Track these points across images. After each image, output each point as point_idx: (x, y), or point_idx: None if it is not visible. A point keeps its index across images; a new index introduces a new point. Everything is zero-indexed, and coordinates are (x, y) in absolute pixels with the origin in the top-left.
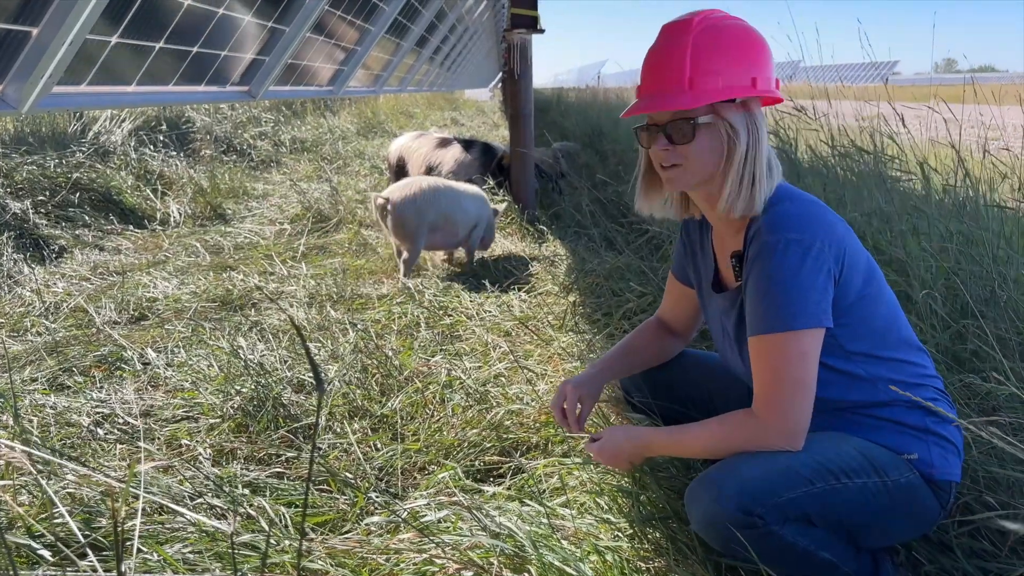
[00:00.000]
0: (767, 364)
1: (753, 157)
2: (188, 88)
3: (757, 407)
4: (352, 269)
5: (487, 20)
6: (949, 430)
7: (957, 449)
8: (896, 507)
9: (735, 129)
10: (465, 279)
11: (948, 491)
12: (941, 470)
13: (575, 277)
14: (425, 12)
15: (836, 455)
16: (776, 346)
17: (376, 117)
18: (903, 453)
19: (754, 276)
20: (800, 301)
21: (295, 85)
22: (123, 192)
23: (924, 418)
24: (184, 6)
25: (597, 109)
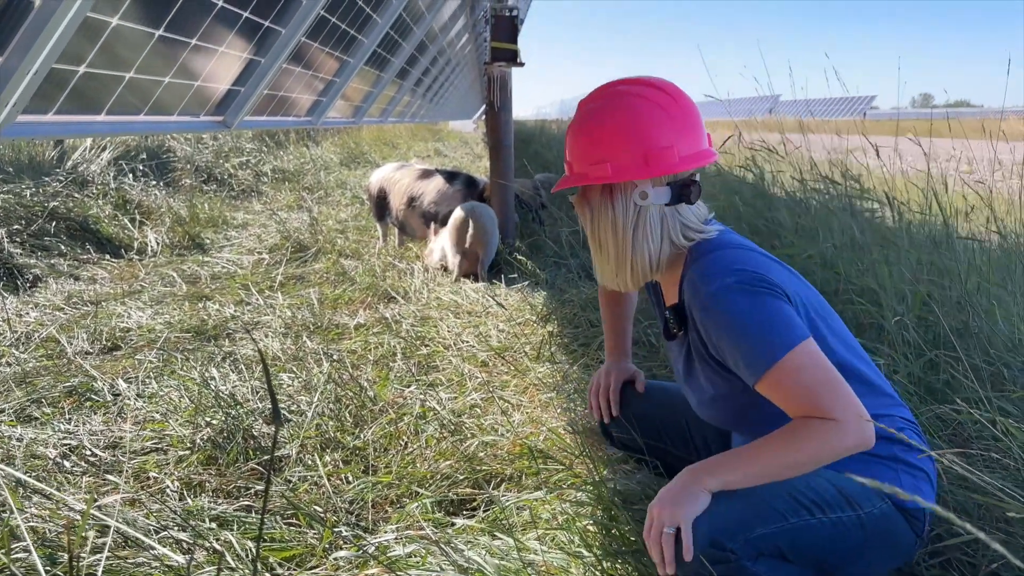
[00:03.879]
0: (789, 392)
1: (602, 237)
2: (160, 118)
3: (824, 413)
4: (329, 299)
5: (469, 53)
6: (919, 459)
7: (928, 477)
8: (871, 540)
9: (593, 210)
10: (443, 311)
11: (922, 520)
12: (913, 502)
13: (553, 307)
14: (405, 44)
15: (808, 488)
16: (784, 374)
17: (359, 147)
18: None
19: (717, 335)
20: (775, 327)
21: (272, 115)
22: (100, 221)
23: (891, 447)
24: (156, 36)
25: None
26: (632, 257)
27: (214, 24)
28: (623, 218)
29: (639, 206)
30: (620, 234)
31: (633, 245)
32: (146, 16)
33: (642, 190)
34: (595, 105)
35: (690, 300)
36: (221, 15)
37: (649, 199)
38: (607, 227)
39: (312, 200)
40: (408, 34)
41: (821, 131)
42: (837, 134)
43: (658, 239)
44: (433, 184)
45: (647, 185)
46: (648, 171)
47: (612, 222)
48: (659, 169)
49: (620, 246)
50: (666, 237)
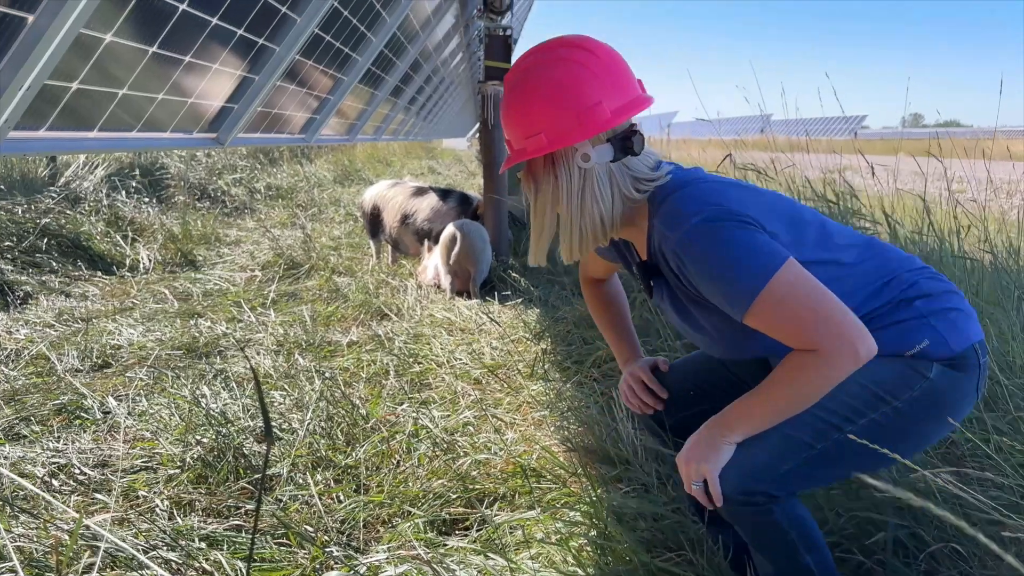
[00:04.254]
0: (775, 325)
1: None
2: (153, 134)
3: (814, 343)
4: (322, 316)
5: (464, 71)
6: (944, 299)
7: (963, 311)
8: (919, 418)
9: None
10: (436, 328)
11: (973, 357)
12: (957, 340)
13: (546, 324)
14: (400, 63)
15: (835, 403)
16: (768, 301)
17: (353, 165)
18: (913, 347)
19: (697, 275)
20: (748, 260)
21: (266, 132)
22: (92, 238)
23: (914, 305)
24: (149, 53)
25: None
26: (582, 221)
27: (208, 41)
28: (568, 185)
29: (583, 169)
30: (568, 200)
31: (582, 209)
32: (140, 33)
33: (583, 152)
34: (517, 79)
35: (662, 252)
36: (215, 32)
37: (592, 160)
38: (555, 196)
39: (305, 217)
40: (402, 52)
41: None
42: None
43: (608, 198)
44: (427, 201)
45: (587, 147)
46: (583, 132)
47: (559, 191)
48: (593, 127)
49: (570, 212)
50: (617, 194)
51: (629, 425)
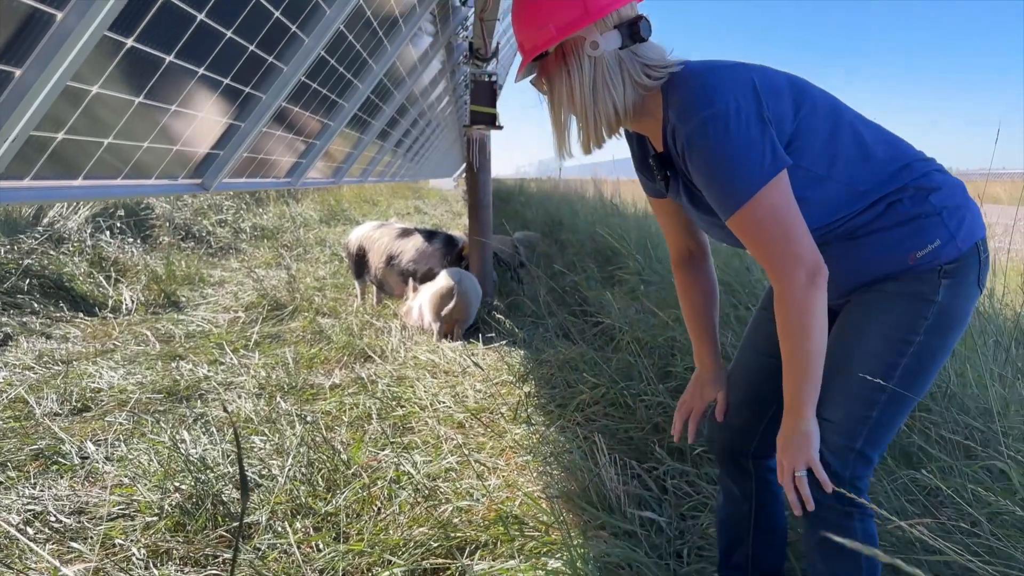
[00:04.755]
0: (751, 236)
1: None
2: (138, 181)
3: (772, 278)
4: (305, 358)
5: (450, 114)
6: (955, 195)
7: (971, 209)
8: (943, 339)
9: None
10: (419, 371)
11: (975, 254)
12: (964, 239)
13: (530, 367)
14: (386, 108)
15: (870, 366)
16: (748, 216)
17: (339, 205)
18: (925, 246)
19: (696, 171)
20: (745, 165)
21: (251, 177)
22: (75, 279)
23: (929, 199)
24: (136, 103)
25: (557, 200)
26: (596, 109)
27: (195, 90)
28: (579, 75)
29: (593, 57)
30: (581, 90)
31: (595, 98)
32: (127, 84)
33: (591, 40)
34: None
35: (675, 142)
36: (202, 82)
37: (601, 47)
38: (568, 88)
39: (291, 257)
40: (389, 97)
41: None
42: None
43: (620, 84)
44: (412, 243)
45: (595, 34)
46: (589, 17)
47: (571, 82)
48: (598, 10)
49: (583, 102)
50: (628, 80)
51: (612, 471)
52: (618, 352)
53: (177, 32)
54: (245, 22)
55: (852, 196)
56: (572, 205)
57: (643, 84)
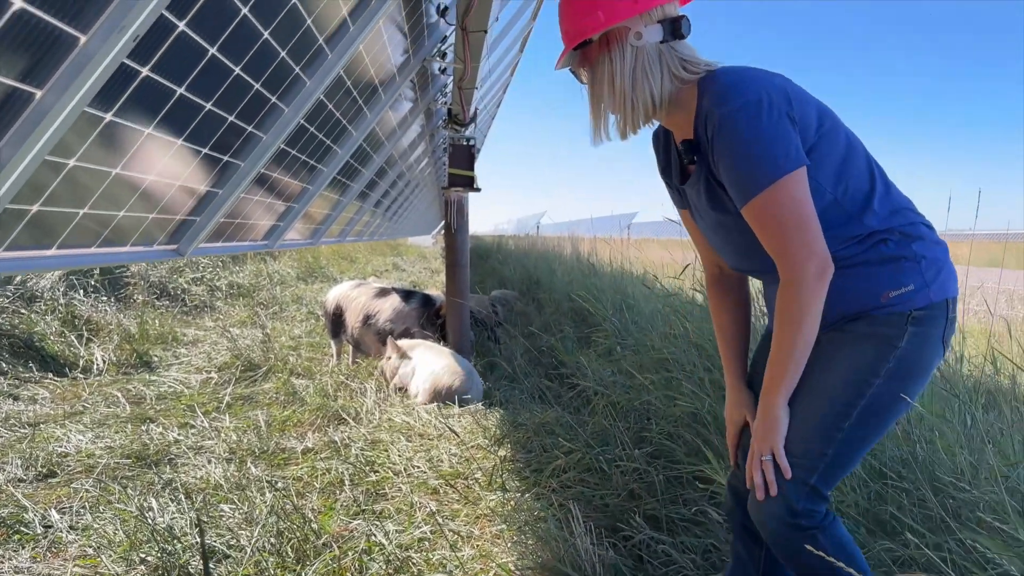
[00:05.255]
0: (767, 223)
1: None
2: (112, 249)
3: (781, 268)
4: (278, 421)
5: (429, 174)
6: (937, 250)
7: (949, 268)
8: (900, 385)
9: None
10: (394, 433)
11: (943, 309)
12: (936, 292)
13: (506, 430)
14: (365, 171)
15: (829, 405)
16: (767, 203)
17: (317, 262)
18: (900, 287)
19: (721, 154)
20: (771, 153)
21: (228, 241)
22: (46, 338)
23: (912, 246)
24: (113, 174)
25: (535, 258)
26: (634, 96)
27: (172, 160)
28: (621, 62)
29: (635, 47)
30: (621, 77)
31: (634, 85)
32: (104, 156)
33: (635, 31)
34: None
35: (705, 126)
36: (180, 152)
37: (644, 38)
38: (609, 74)
39: (266, 316)
40: (368, 161)
41: None
42: None
43: (658, 75)
44: (389, 302)
45: (639, 25)
46: (637, 7)
47: (613, 68)
48: (647, 2)
49: (623, 88)
50: (666, 72)
51: (587, 541)
52: (594, 416)
53: (156, 106)
54: (225, 95)
55: (848, 223)
56: (550, 263)
57: (680, 77)
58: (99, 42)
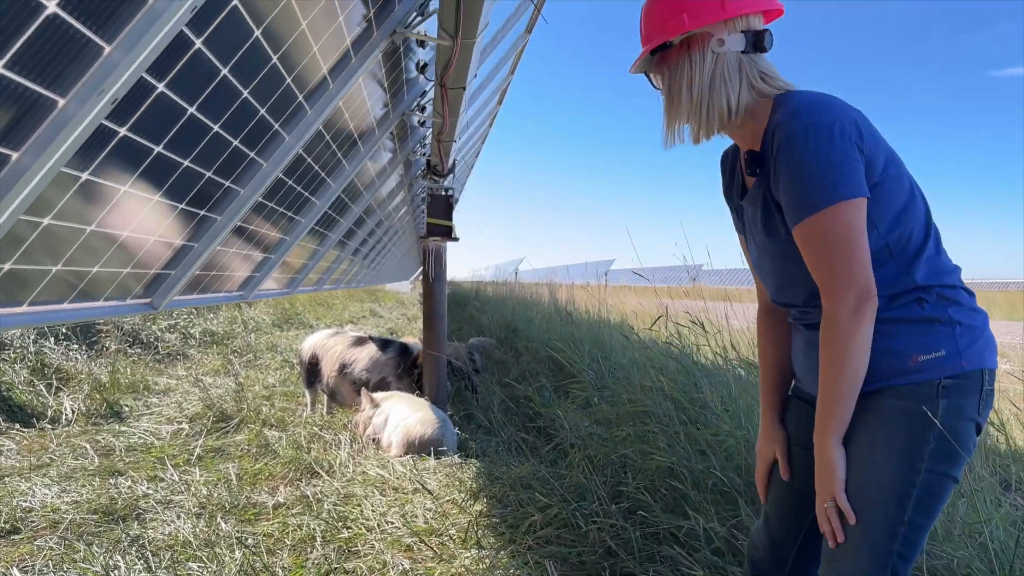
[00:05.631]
0: (815, 247)
1: (680, 88)
2: (85, 304)
3: (824, 295)
4: (249, 474)
5: (408, 222)
6: (976, 318)
7: (988, 338)
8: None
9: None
10: (368, 487)
11: (978, 380)
12: (970, 361)
13: (482, 483)
14: (343, 221)
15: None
16: (822, 224)
17: (293, 308)
18: (930, 353)
19: (785, 167)
20: (833, 175)
21: (203, 292)
22: (13, 388)
23: (947, 309)
24: (87, 231)
25: (513, 305)
26: (710, 102)
27: (149, 215)
28: (701, 67)
29: (716, 53)
30: (700, 82)
31: (711, 91)
32: (80, 213)
33: (719, 38)
34: None
35: (774, 140)
36: (156, 208)
37: (726, 45)
38: (687, 78)
39: (240, 364)
40: (346, 211)
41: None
42: None
43: (737, 84)
44: (366, 351)
45: (723, 32)
46: (724, 12)
47: (692, 72)
48: (735, 9)
49: (700, 93)
50: (745, 83)
51: None
52: (571, 469)
53: (134, 164)
54: (203, 152)
55: (893, 271)
56: (528, 311)
57: (758, 89)
58: (77, 105)
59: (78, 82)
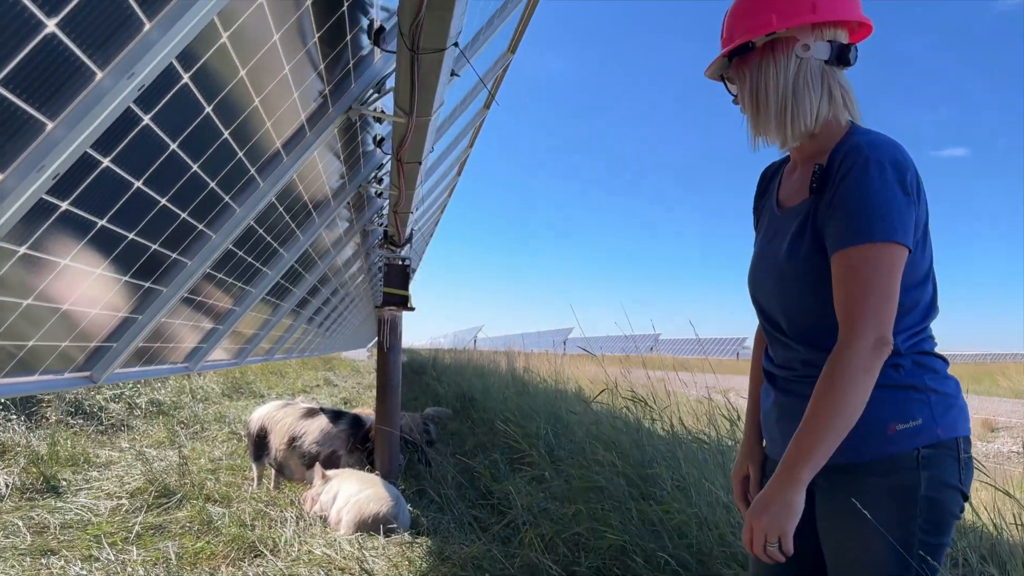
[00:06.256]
0: (857, 275)
1: (765, 90)
2: (20, 379)
3: (842, 328)
4: (189, 553)
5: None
6: (947, 385)
7: (960, 406)
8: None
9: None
10: (313, 567)
11: (954, 448)
12: (945, 429)
13: (432, 563)
14: (296, 290)
15: None
16: (870, 256)
17: (244, 377)
18: (907, 421)
19: (854, 190)
20: (894, 216)
21: (146, 365)
22: None
23: (923, 376)
24: (24, 304)
25: (470, 374)
26: (795, 105)
27: (91, 288)
28: (785, 71)
29: (800, 58)
30: (783, 84)
31: (795, 94)
32: (17, 288)
33: (804, 43)
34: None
35: (846, 160)
36: (99, 280)
37: (811, 51)
38: (770, 80)
39: (186, 436)
40: (300, 281)
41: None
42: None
43: (818, 91)
44: (317, 423)
45: (809, 38)
46: (815, 15)
47: (775, 74)
48: (825, 12)
49: (783, 96)
50: (826, 92)
51: None
52: (523, 548)
53: (76, 237)
54: (150, 224)
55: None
56: (485, 380)
57: (837, 103)
58: (15, 181)
59: (17, 158)
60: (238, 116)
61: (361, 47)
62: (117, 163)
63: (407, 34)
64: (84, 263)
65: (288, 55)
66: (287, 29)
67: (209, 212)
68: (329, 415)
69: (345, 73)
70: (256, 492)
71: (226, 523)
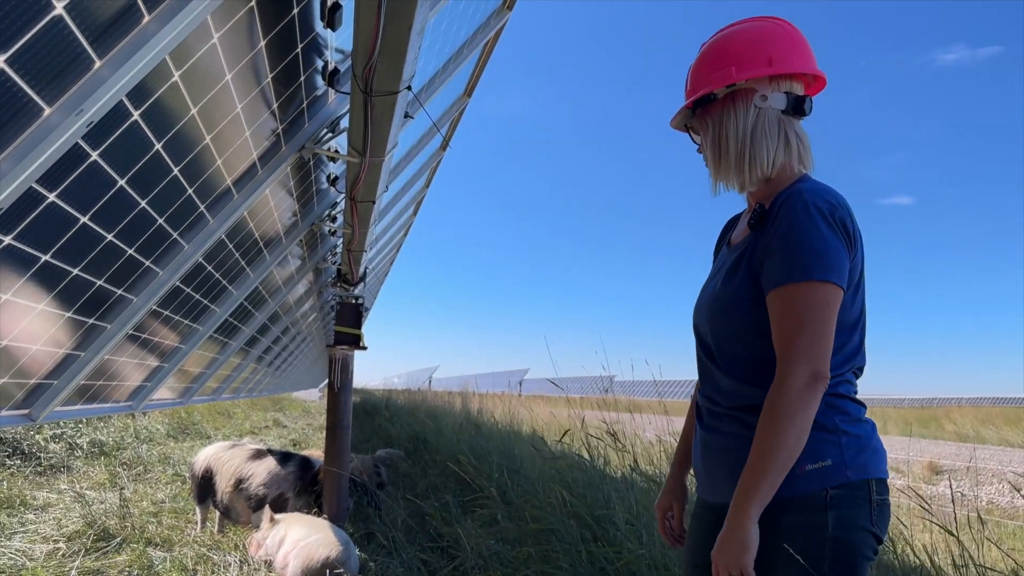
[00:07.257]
0: (792, 312)
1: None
2: None
3: (779, 365)
4: None
5: (317, 329)
6: (860, 427)
7: (873, 448)
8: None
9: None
10: None
11: (865, 490)
12: (855, 471)
13: None
14: (246, 328)
15: None
16: (804, 294)
17: (190, 417)
18: (817, 462)
19: (792, 230)
20: (830, 257)
21: (87, 403)
22: None
23: (834, 417)
24: None
25: (423, 415)
26: (753, 151)
27: (32, 324)
28: (744, 119)
29: (759, 108)
30: (742, 133)
31: (753, 141)
32: None
33: (762, 93)
34: (722, 31)
35: (786, 203)
36: (41, 316)
37: (768, 101)
38: (730, 129)
39: (128, 477)
40: (249, 319)
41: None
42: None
43: (775, 139)
44: (264, 465)
45: (767, 89)
46: (771, 68)
47: (735, 123)
48: (782, 66)
49: (742, 143)
50: (783, 139)
51: None
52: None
53: (17, 272)
54: (95, 260)
55: None
56: (438, 421)
57: (793, 151)
58: None
59: None
60: (188, 153)
61: (316, 87)
62: (63, 198)
63: (360, 77)
64: (26, 298)
65: (241, 94)
66: (241, 68)
67: (156, 248)
68: (277, 457)
69: (299, 112)
70: (200, 536)
71: (167, 568)
